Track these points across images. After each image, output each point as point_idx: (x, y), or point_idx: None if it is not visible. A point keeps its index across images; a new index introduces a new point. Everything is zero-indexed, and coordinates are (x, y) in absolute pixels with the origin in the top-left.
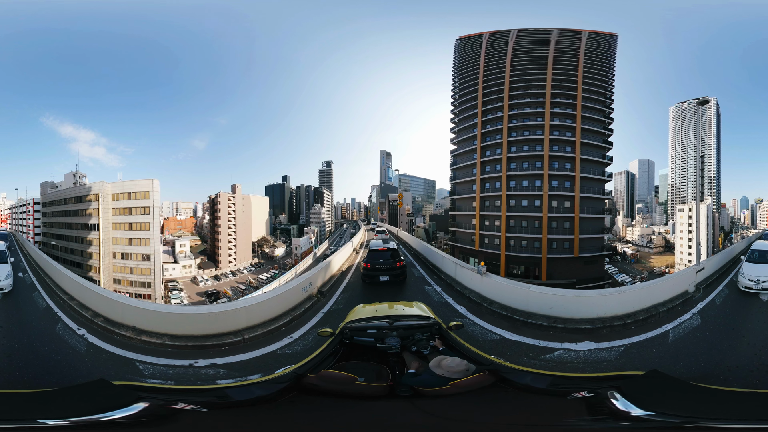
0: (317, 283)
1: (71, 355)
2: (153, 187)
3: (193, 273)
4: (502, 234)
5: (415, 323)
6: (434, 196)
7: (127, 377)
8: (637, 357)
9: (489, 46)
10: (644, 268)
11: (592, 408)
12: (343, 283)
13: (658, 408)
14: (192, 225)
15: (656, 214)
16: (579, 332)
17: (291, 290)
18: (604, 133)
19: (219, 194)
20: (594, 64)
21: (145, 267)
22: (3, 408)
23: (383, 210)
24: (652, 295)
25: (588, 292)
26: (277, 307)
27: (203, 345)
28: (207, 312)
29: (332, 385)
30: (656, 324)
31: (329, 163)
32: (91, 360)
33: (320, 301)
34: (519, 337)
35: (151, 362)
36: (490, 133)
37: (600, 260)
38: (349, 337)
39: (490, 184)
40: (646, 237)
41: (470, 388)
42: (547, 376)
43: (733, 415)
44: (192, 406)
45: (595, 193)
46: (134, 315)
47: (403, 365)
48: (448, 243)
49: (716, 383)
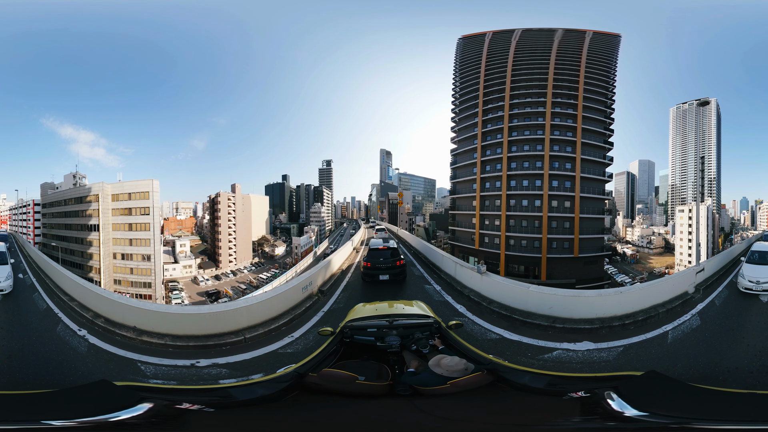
0: (317, 282)
1: (72, 356)
2: (152, 187)
3: (193, 273)
4: (502, 233)
5: (415, 322)
6: (434, 195)
7: (128, 378)
8: (636, 358)
9: (491, 45)
10: (644, 269)
11: (586, 408)
12: (344, 281)
13: (655, 408)
14: (192, 225)
15: (656, 215)
16: (578, 332)
17: (291, 289)
18: (605, 133)
19: (219, 194)
20: (596, 64)
21: (146, 267)
22: (5, 409)
23: (383, 209)
24: (652, 295)
25: (587, 293)
26: (278, 306)
27: (205, 345)
28: (208, 312)
29: (333, 384)
30: (655, 325)
31: (329, 162)
32: (92, 360)
33: (320, 300)
34: (518, 337)
35: (152, 362)
36: (491, 132)
37: (600, 260)
38: (349, 336)
39: (490, 183)
40: (646, 238)
41: (468, 387)
42: (545, 376)
43: (730, 416)
44: (197, 406)
45: (596, 194)
46: (135, 316)
47: (402, 364)
48: (448, 242)
49: (715, 384)
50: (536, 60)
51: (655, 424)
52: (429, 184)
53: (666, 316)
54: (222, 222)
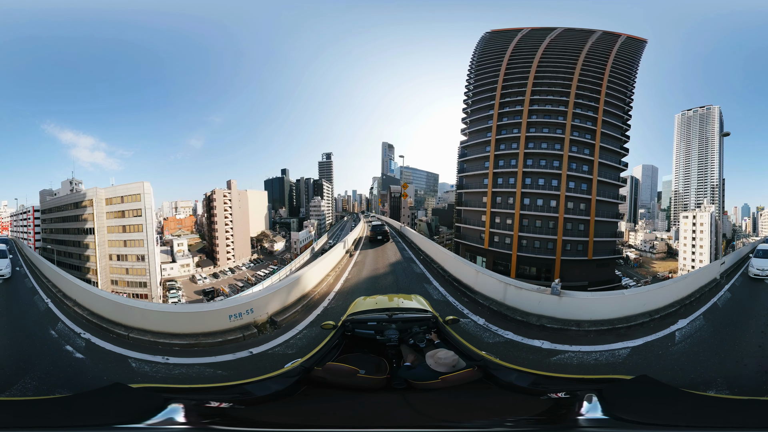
0: (269, 308)
1: (35, 311)
2: (144, 189)
3: (191, 272)
4: (514, 233)
5: (414, 316)
6: (437, 189)
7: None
8: (713, 316)
9: (521, 40)
10: (647, 273)
11: (556, 408)
12: (320, 307)
13: (636, 414)
14: (192, 223)
15: (658, 220)
16: (674, 315)
17: (207, 314)
18: (621, 138)
19: (214, 191)
20: (621, 68)
21: (140, 267)
22: (22, 416)
23: (384, 203)
24: (696, 282)
25: (665, 284)
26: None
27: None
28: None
29: (337, 377)
30: (705, 300)
31: (329, 155)
32: (48, 317)
33: (264, 336)
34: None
35: (86, 338)
36: (507, 126)
37: (611, 263)
38: (350, 330)
39: (503, 179)
40: (649, 242)
41: (459, 382)
42: (531, 375)
43: (721, 422)
44: (225, 404)
45: (610, 197)
46: (85, 298)
47: (400, 358)
48: (453, 239)
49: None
50: (564, 58)
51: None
52: (431, 178)
53: (709, 294)
54: (218, 219)
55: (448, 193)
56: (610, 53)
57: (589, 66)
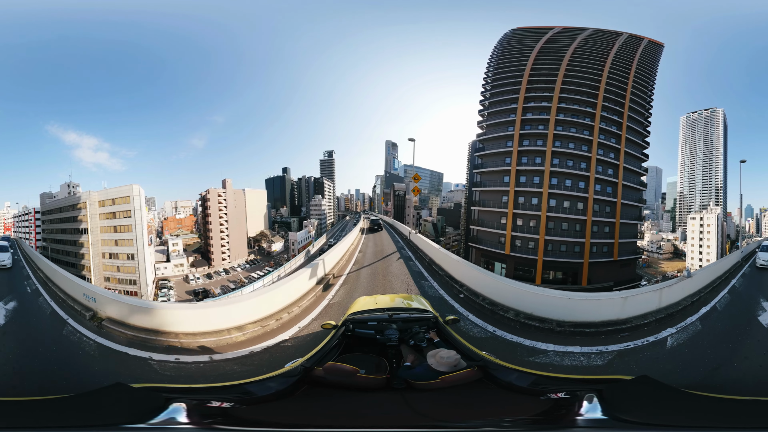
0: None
1: (27, 294)
2: (133, 191)
3: (185, 271)
4: (540, 236)
5: (414, 316)
6: (441, 188)
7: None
8: (741, 286)
9: (551, 38)
10: (656, 272)
11: (555, 409)
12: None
13: (637, 414)
14: (192, 223)
15: (663, 221)
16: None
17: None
18: (642, 144)
19: (208, 191)
20: (643, 71)
21: (131, 266)
22: (26, 417)
23: (387, 201)
24: (724, 266)
25: (709, 269)
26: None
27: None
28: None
29: (337, 377)
30: (729, 280)
31: (330, 152)
32: (34, 297)
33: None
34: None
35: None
36: (530, 121)
37: (633, 263)
38: (351, 330)
39: (526, 177)
40: (656, 243)
41: (458, 382)
42: (531, 375)
43: (723, 423)
44: (226, 403)
45: (633, 201)
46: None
47: (400, 358)
48: (464, 243)
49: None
50: (593, 59)
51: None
52: (436, 177)
53: (732, 275)
54: (212, 219)
55: (452, 193)
56: (635, 56)
57: (615, 68)
